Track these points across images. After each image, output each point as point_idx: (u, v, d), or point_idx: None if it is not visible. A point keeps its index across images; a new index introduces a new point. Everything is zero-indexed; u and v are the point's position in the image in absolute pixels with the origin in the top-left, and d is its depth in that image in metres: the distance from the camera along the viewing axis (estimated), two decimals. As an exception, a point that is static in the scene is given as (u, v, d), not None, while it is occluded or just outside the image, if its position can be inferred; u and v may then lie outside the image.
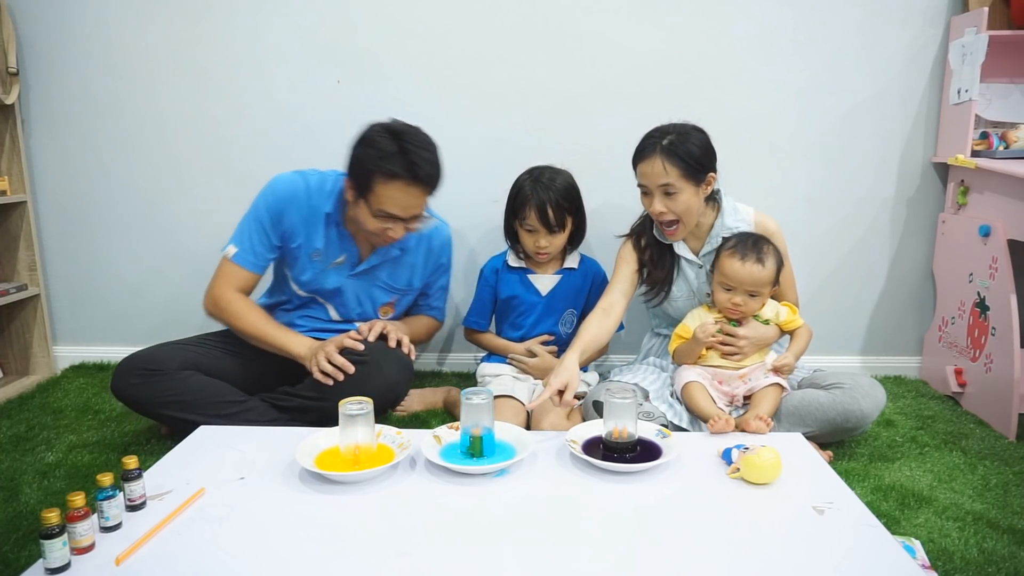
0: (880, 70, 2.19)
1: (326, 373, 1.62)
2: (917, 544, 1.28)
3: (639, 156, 1.73)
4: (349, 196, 1.69)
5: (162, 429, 1.80)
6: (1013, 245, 1.92)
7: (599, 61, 2.19)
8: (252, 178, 1.80)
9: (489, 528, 1.13)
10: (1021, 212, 1.87)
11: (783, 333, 1.74)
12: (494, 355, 2.04)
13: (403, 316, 1.99)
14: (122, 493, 1.14)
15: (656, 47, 2.18)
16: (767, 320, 1.71)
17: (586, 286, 2.01)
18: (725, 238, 1.75)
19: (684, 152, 1.66)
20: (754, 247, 1.66)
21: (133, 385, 1.65)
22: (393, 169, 1.58)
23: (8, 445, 1.76)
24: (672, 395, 1.74)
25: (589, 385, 1.88)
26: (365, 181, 1.62)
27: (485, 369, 2.00)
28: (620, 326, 1.83)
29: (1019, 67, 2.12)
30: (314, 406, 1.66)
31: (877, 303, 2.37)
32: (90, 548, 1.04)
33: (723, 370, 1.69)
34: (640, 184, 1.75)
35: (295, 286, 1.85)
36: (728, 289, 1.67)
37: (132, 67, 2.22)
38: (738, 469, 1.29)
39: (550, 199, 1.85)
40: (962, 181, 2.13)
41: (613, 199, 2.17)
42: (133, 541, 1.06)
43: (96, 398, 2.09)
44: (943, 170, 2.24)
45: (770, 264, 1.65)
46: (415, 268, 1.90)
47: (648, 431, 1.44)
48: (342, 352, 1.65)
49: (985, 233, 1.98)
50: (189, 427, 1.53)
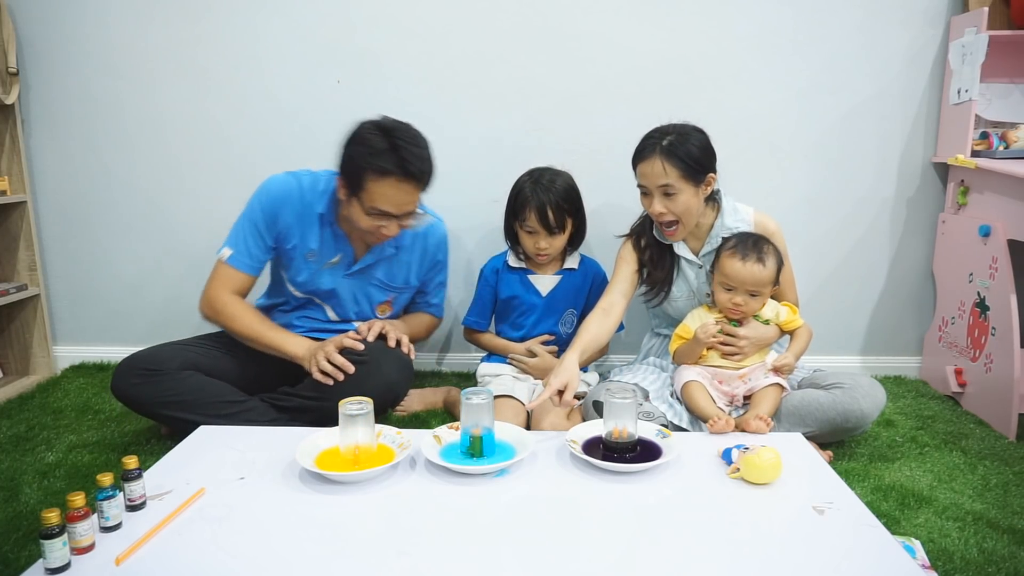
0: (880, 70, 2.19)
1: (326, 373, 1.62)
2: (917, 544, 1.29)
3: (639, 157, 1.73)
4: (342, 195, 1.68)
5: (162, 429, 1.80)
6: (1013, 245, 1.92)
7: (599, 61, 2.19)
8: (252, 178, 1.80)
9: (489, 528, 1.13)
10: (1021, 212, 1.87)
11: (783, 333, 1.74)
12: (494, 355, 2.04)
13: (401, 314, 1.99)
14: (122, 493, 1.14)
15: (656, 47, 2.18)
16: (767, 320, 1.71)
17: (586, 286, 2.01)
18: (725, 238, 1.75)
19: (684, 153, 1.66)
20: (754, 247, 1.66)
21: (133, 385, 1.65)
22: (384, 166, 1.58)
23: (8, 445, 1.77)
24: (672, 395, 1.74)
25: (589, 385, 1.88)
26: (357, 179, 1.61)
27: (485, 369, 2.00)
28: (620, 326, 1.83)
29: (1019, 67, 2.12)
30: (314, 406, 1.66)
31: (877, 303, 2.37)
32: (90, 548, 1.04)
33: (723, 370, 1.69)
34: (640, 185, 1.75)
35: (291, 287, 1.84)
36: (729, 289, 1.67)
37: (132, 67, 2.22)
38: (738, 469, 1.29)
39: (550, 201, 1.85)
40: (962, 181, 2.13)
41: (613, 199, 2.17)
42: (133, 541, 1.06)
43: (96, 398, 2.09)
44: (943, 170, 2.24)
45: (771, 264, 1.65)
46: (411, 266, 1.90)
47: (648, 431, 1.44)
48: (342, 352, 1.65)
49: (985, 233, 1.98)
50: (189, 427, 1.53)
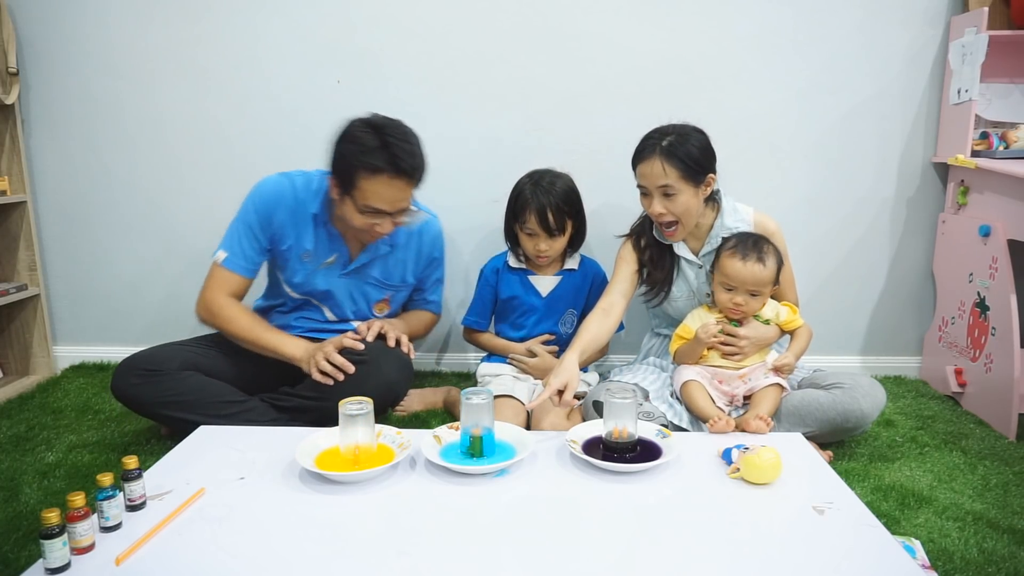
0: (880, 70, 2.19)
1: (326, 373, 1.62)
2: (917, 544, 1.29)
3: (638, 157, 1.73)
4: (334, 194, 1.68)
5: (162, 429, 1.80)
6: (1013, 245, 1.92)
7: (599, 61, 2.19)
8: (252, 178, 1.79)
9: (489, 528, 1.13)
10: (1021, 212, 1.87)
11: (783, 333, 1.74)
12: (494, 355, 2.04)
13: (399, 312, 1.99)
14: (122, 493, 1.14)
15: (656, 47, 2.18)
16: (767, 320, 1.71)
17: (586, 286, 2.01)
18: (725, 238, 1.75)
19: (683, 153, 1.66)
20: (755, 247, 1.66)
21: (133, 385, 1.65)
22: (376, 163, 1.57)
23: (8, 445, 1.77)
24: (672, 395, 1.74)
25: (589, 385, 1.88)
26: (349, 177, 1.61)
27: (485, 369, 2.00)
28: (620, 326, 1.83)
29: (1019, 67, 2.12)
30: (314, 406, 1.66)
31: (877, 303, 2.37)
32: (90, 548, 1.04)
33: (723, 370, 1.69)
34: (639, 185, 1.75)
35: (288, 288, 1.84)
36: (729, 289, 1.67)
37: (132, 67, 2.22)
38: (738, 469, 1.29)
39: (550, 203, 1.84)
40: (962, 181, 2.13)
41: (613, 199, 2.17)
42: (133, 541, 1.06)
43: (96, 398, 2.09)
44: (943, 170, 2.24)
45: (771, 263, 1.65)
46: (407, 263, 1.89)
47: (648, 431, 1.44)
48: (341, 352, 1.65)
49: (985, 233, 1.98)
50: (189, 427, 1.53)
